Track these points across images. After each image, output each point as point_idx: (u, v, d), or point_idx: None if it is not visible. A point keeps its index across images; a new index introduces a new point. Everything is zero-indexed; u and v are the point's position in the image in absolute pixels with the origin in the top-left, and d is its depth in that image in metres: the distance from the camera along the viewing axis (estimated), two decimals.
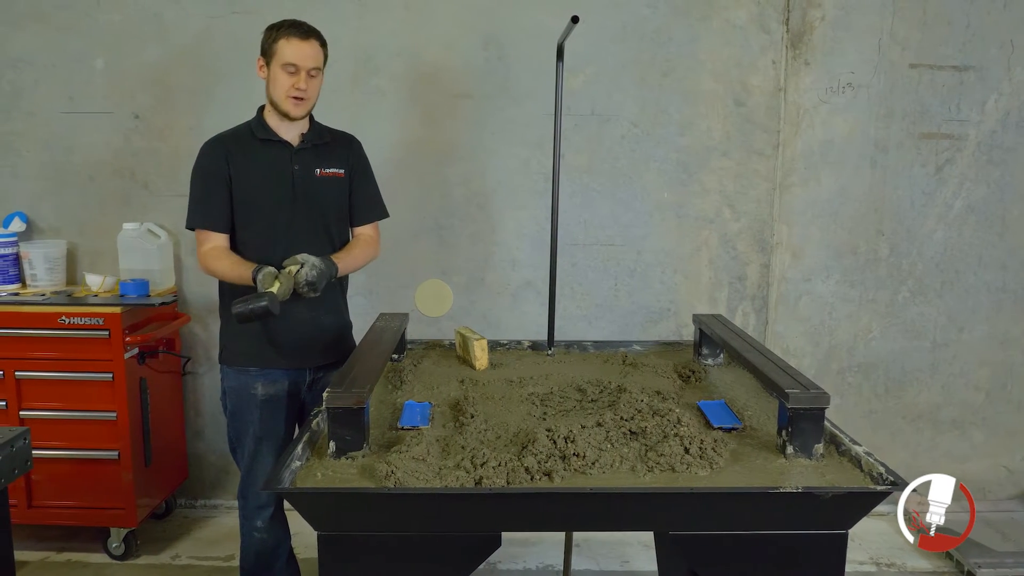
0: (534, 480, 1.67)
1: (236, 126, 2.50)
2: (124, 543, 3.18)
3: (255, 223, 2.42)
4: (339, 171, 2.51)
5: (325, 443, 1.84)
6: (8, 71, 3.32)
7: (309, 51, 2.36)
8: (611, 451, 1.76)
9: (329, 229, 2.51)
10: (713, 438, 1.82)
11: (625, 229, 3.40)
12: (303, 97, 2.37)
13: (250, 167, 2.42)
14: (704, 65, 3.31)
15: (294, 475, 1.69)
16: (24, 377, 3.05)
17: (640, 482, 1.69)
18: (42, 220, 3.41)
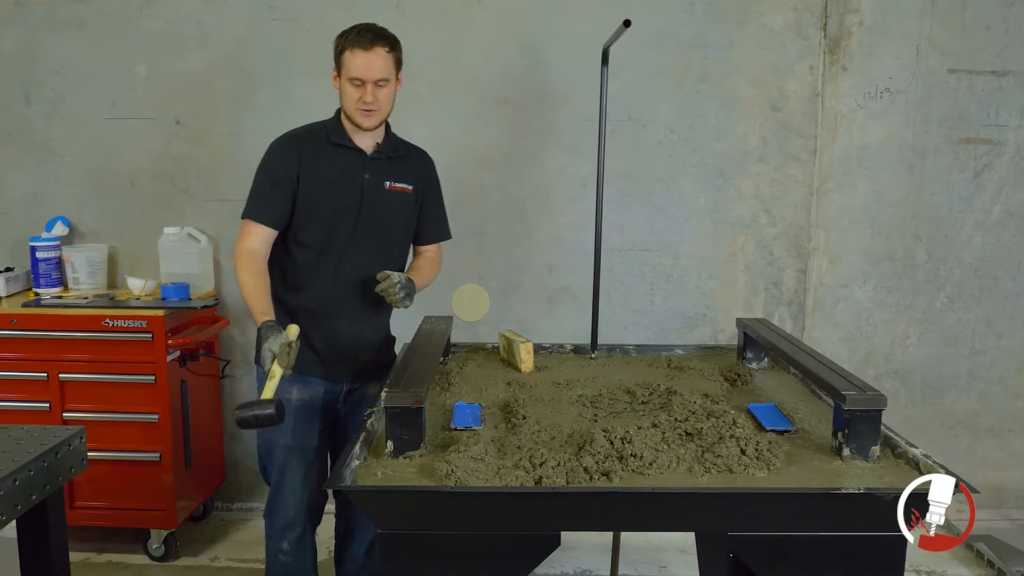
0: (593, 480, 1.68)
1: (311, 124, 2.43)
2: (164, 544, 3.21)
3: (315, 228, 2.35)
4: (408, 187, 2.44)
5: (381, 443, 1.86)
6: (51, 78, 3.37)
7: (375, 62, 2.26)
8: (668, 452, 1.77)
9: (390, 243, 2.45)
10: (768, 440, 1.82)
11: (661, 234, 3.41)
12: (372, 108, 2.30)
13: (320, 169, 2.35)
14: (741, 70, 3.33)
15: (354, 474, 1.71)
16: (68, 379, 3.09)
17: (698, 483, 1.70)
18: (83, 224, 3.46)
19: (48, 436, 2.00)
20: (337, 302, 2.38)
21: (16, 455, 1.87)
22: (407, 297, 2.30)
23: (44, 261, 3.32)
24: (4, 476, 1.75)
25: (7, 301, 3.23)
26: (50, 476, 1.94)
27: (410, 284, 2.32)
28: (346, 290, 2.38)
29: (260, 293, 2.24)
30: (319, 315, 2.36)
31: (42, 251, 3.31)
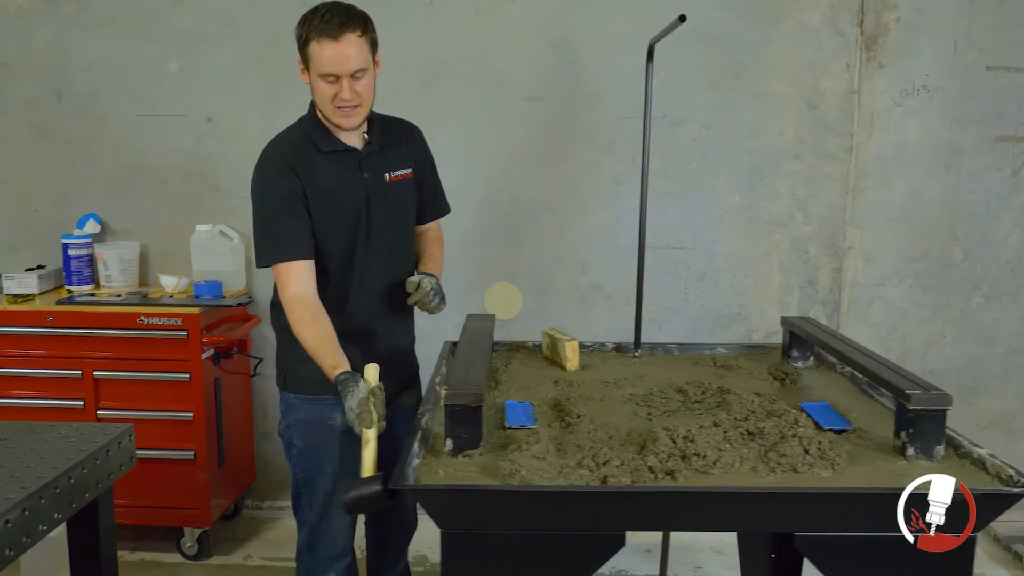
0: (658, 479, 1.66)
1: (288, 132, 2.17)
2: (197, 543, 3.19)
3: (329, 248, 2.13)
4: (407, 171, 2.23)
5: (438, 441, 1.84)
6: (83, 75, 3.36)
7: (347, 51, 1.96)
8: (730, 451, 1.75)
9: (404, 239, 2.26)
10: (828, 440, 1.80)
11: (695, 233, 3.39)
12: (352, 105, 2.03)
13: (319, 184, 2.09)
14: (776, 68, 3.30)
15: (415, 472, 1.69)
16: (102, 376, 3.08)
17: (763, 482, 1.67)
18: (115, 222, 3.45)
19: (98, 434, 1.99)
20: (367, 319, 2.20)
21: (69, 453, 1.85)
22: (442, 301, 2.16)
23: (76, 259, 3.31)
24: (60, 474, 1.74)
25: (40, 299, 3.22)
26: (101, 474, 1.93)
27: (440, 286, 2.17)
28: (373, 304, 2.21)
29: (323, 341, 2.01)
30: (353, 336, 2.13)
31: (74, 248, 3.31)
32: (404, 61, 3.21)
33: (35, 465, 1.77)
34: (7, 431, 1.99)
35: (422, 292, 2.13)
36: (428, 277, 2.17)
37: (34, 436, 1.96)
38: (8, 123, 3.40)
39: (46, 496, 1.68)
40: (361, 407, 1.86)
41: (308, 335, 2.04)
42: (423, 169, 2.30)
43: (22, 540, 1.61)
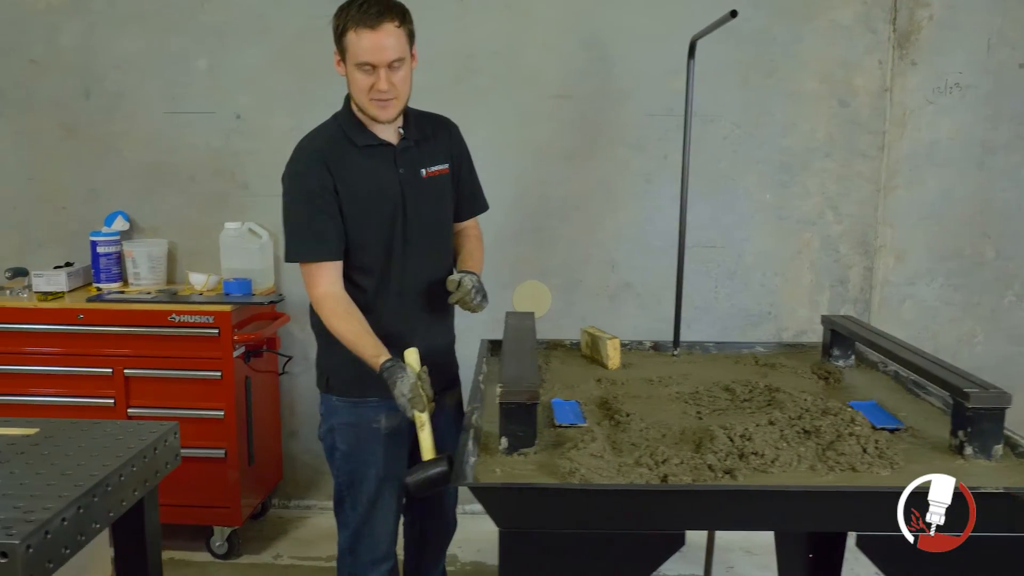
0: (717, 478, 1.65)
1: (323, 127, 2.16)
2: (227, 542, 3.18)
3: (365, 247, 2.10)
4: (444, 167, 2.20)
5: (490, 439, 1.83)
6: (111, 72, 3.35)
7: (384, 41, 1.93)
8: (788, 450, 1.73)
9: (441, 236, 2.23)
10: (884, 438, 1.79)
11: (726, 231, 3.37)
12: (388, 97, 2.01)
13: (354, 180, 2.06)
14: (808, 65, 3.29)
15: (473, 471, 1.68)
16: (132, 375, 3.06)
17: (822, 481, 1.66)
18: (142, 219, 3.44)
19: (144, 431, 1.98)
20: (407, 319, 2.16)
21: (117, 450, 1.84)
22: (484, 299, 2.12)
23: (105, 256, 3.30)
24: (111, 471, 1.73)
25: (69, 296, 3.21)
26: (148, 472, 1.92)
27: (481, 284, 2.14)
28: (413, 304, 2.17)
29: (360, 333, 2.02)
30: (392, 338, 2.07)
31: (103, 246, 3.29)
32: (433, 57, 3.18)
33: (85, 463, 1.76)
34: (52, 428, 1.98)
35: (463, 291, 2.10)
36: (469, 275, 2.13)
37: (80, 433, 1.94)
38: (36, 120, 3.38)
39: (98, 494, 1.67)
40: (412, 392, 1.89)
41: (343, 328, 2.04)
42: (460, 165, 2.27)
43: (77, 538, 1.60)
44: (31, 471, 1.71)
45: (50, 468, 1.73)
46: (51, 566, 1.50)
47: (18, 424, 1.99)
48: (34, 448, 1.85)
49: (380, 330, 2.08)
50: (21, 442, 1.89)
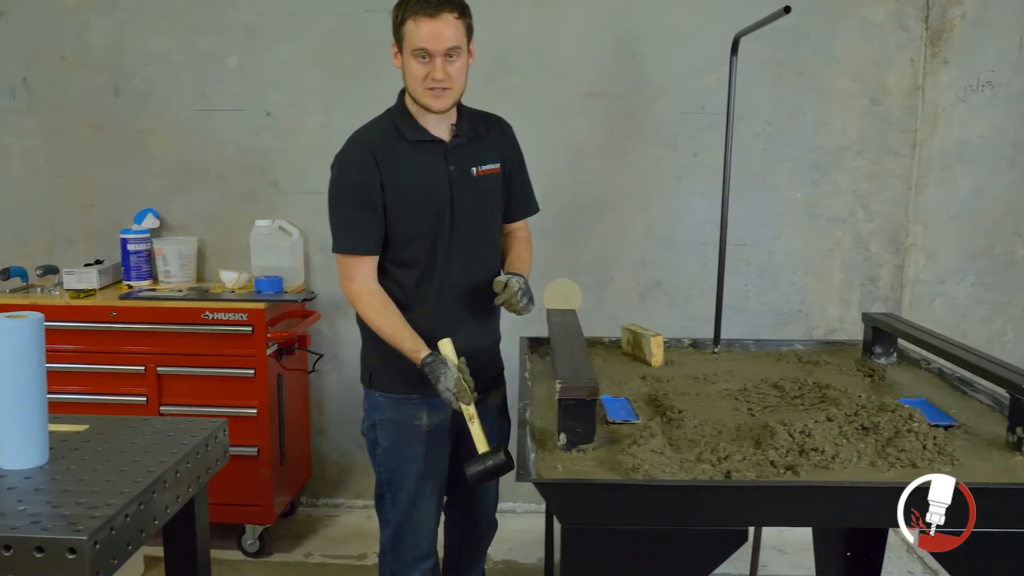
0: (780, 474, 1.64)
1: (375, 121, 2.16)
2: (259, 540, 3.17)
3: (410, 242, 2.10)
4: (495, 166, 2.19)
5: (546, 436, 1.82)
6: (141, 69, 3.35)
7: (443, 29, 1.94)
8: (848, 446, 1.73)
9: (489, 236, 2.22)
10: (943, 435, 1.78)
11: (756, 229, 3.37)
12: (443, 87, 2.01)
13: (402, 175, 2.06)
14: (840, 63, 3.28)
15: (535, 466, 1.67)
16: (165, 372, 3.05)
17: (884, 478, 1.65)
18: (171, 217, 3.43)
19: (195, 428, 1.97)
20: (449, 316, 2.14)
21: (171, 447, 1.84)
22: (530, 302, 2.11)
23: (135, 254, 3.29)
24: (167, 468, 1.73)
25: (100, 294, 3.20)
26: (201, 469, 1.92)
27: (528, 286, 2.12)
28: (456, 301, 2.16)
29: (398, 326, 2.04)
30: (434, 334, 2.04)
31: (133, 243, 3.29)
32: None
33: (141, 459, 1.76)
34: (101, 425, 1.98)
35: (509, 292, 2.09)
36: (516, 277, 2.12)
37: (131, 430, 1.94)
38: (65, 118, 3.38)
39: (157, 490, 1.67)
40: (457, 386, 1.90)
41: (381, 322, 2.06)
42: (511, 165, 2.26)
43: (139, 534, 1.60)
44: (88, 467, 1.71)
45: (106, 464, 1.73)
46: (115, 562, 1.50)
47: (68, 420, 1.98)
48: (87, 444, 1.85)
49: (419, 327, 2.07)
50: (73, 438, 1.89)
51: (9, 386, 1.72)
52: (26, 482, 1.64)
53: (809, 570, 2.95)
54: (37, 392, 1.76)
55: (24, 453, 1.71)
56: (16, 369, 1.72)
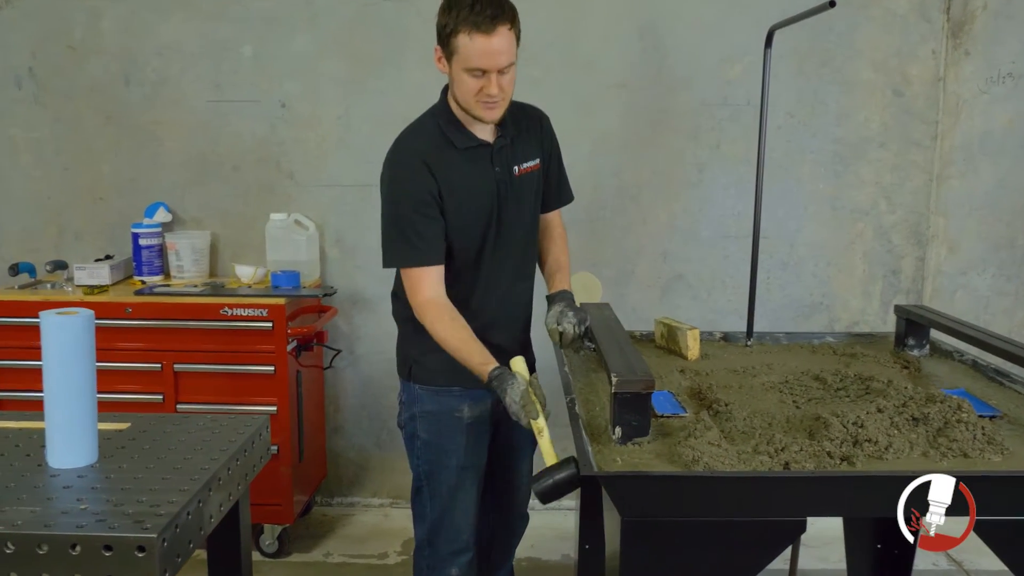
0: (836, 465, 1.71)
1: (421, 125, 2.15)
2: (278, 540, 3.21)
3: (461, 249, 2.14)
4: (535, 162, 2.22)
5: (598, 429, 1.88)
6: (153, 59, 3.36)
7: (499, 45, 1.94)
8: (899, 437, 1.79)
9: (533, 232, 2.26)
10: (992, 425, 1.85)
11: (779, 222, 3.43)
12: (497, 100, 2.02)
13: (455, 183, 2.09)
14: (863, 55, 3.35)
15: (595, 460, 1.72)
16: (182, 370, 3.07)
17: (938, 467, 1.71)
18: (184, 211, 3.45)
19: (239, 425, 2.01)
20: (492, 314, 2.21)
21: (219, 444, 1.88)
22: (585, 323, 2.16)
23: (147, 248, 3.31)
24: (221, 465, 1.76)
25: (112, 290, 3.22)
26: (248, 466, 1.95)
27: (577, 313, 2.16)
28: (498, 300, 2.22)
29: (466, 341, 2.05)
30: (479, 332, 2.10)
31: (145, 238, 3.30)
32: None
33: (192, 457, 1.79)
34: (143, 423, 2.01)
35: (567, 339, 2.13)
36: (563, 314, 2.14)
37: (175, 428, 1.97)
38: (75, 108, 3.38)
39: (213, 487, 1.71)
40: (524, 399, 1.90)
41: (449, 335, 2.06)
42: (550, 158, 2.30)
43: (198, 532, 1.64)
44: (139, 465, 1.74)
45: (158, 462, 1.76)
46: (179, 560, 1.54)
47: (109, 419, 2.01)
48: (133, 443, 1.88)
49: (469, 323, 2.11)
50: (117, 437, 1.92)
51: (60, 384, 1.75)
52: (80, 481, 1.67)
53: (836, 564, 3.03)
54: (88, 390, 1.79)
55: (76, 452, 1.74)
56: (67, 367, 1.76)
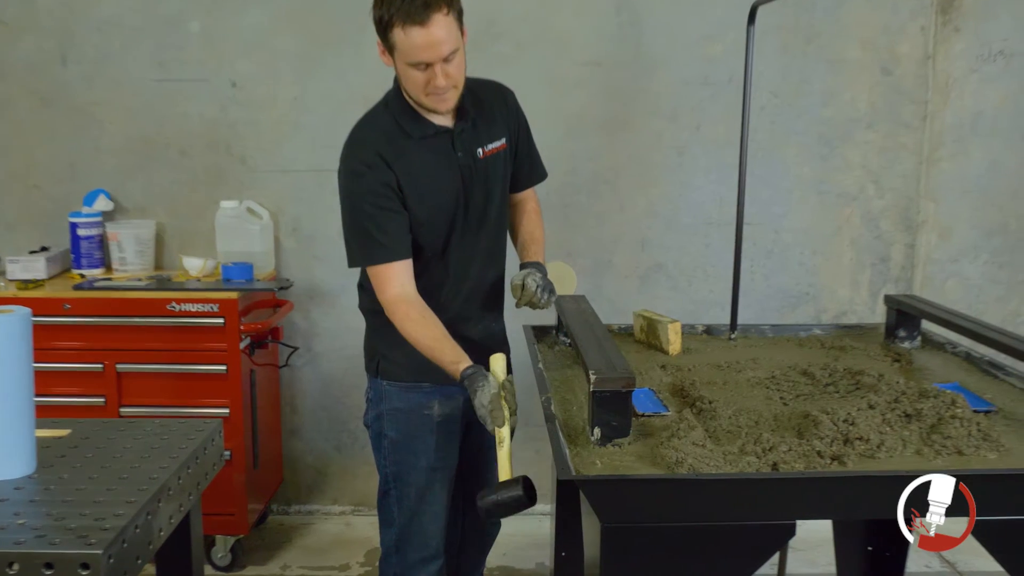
0: (827, 465, 1.72)
1: (374, 117, 2.15)
2: (231, 553, 3.18)
3: (426, 240, 2.15)
4: (501, 143, 2.22)
5: (576, 430, 1.88)
6: (93, 35, 3.30)
7: (436, 35, 1.91)
8: (892, 434, 1.80)
9: (502, 215, 2.27)
10: (986, 420, 1.87)
11: (762, 207, 3.45)
12: (447, 88, 2.01)
13: (416, 175, 2.10)
14: (850, 31, 3.37)
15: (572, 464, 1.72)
16: (126, 370, 3.03)
17: (932, 466, 1.74)
18: (127, 199, 3.41)
19: (190, 430, 1.99)
20: (461, 306, 2.24)
21: (169, 451, 1.85)
22: (552, 294, 2.18)
23: (87, 239, 3.26)
24: (171, 474, 1.74)
25: (49, 284, 3.15)
26: (199, 474, 1.93)
27: (545, 279, 2.19)
28: (468, 291, 2.24)
29: (438, 339, 2.05)
30: (449, 325, 2.12)
31: (84, 228, 3.25)
32: None
33: (140, 466, 1.77)
34: (85, 429, 1.97)
35: (528, 294, 2.15)
36: (531, 274, 2.17)
37: (119, 434, 1.95)
38: (7, 89, 3.32)
39: (163, 498, 1.69)
40: (493, 404, 1.89)
41: (420, 334, 2.07)
42: (518, 136, 2.30)
43: (147, 547, 1.61)
44: (81, 476, 1.71)
45: (102, 472, 1.73)
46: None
47: (47, 425, 1.97)
48: (74, 451, 1.85)
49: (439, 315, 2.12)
50: (56, 444, 1.88)
51: None
52: (17, 493, 1.63)
53: (825, 567, 3.07)
54: (25, 395, 1.76)
55: (12, 462, 1.71)
56: (2, 370, 1.71)
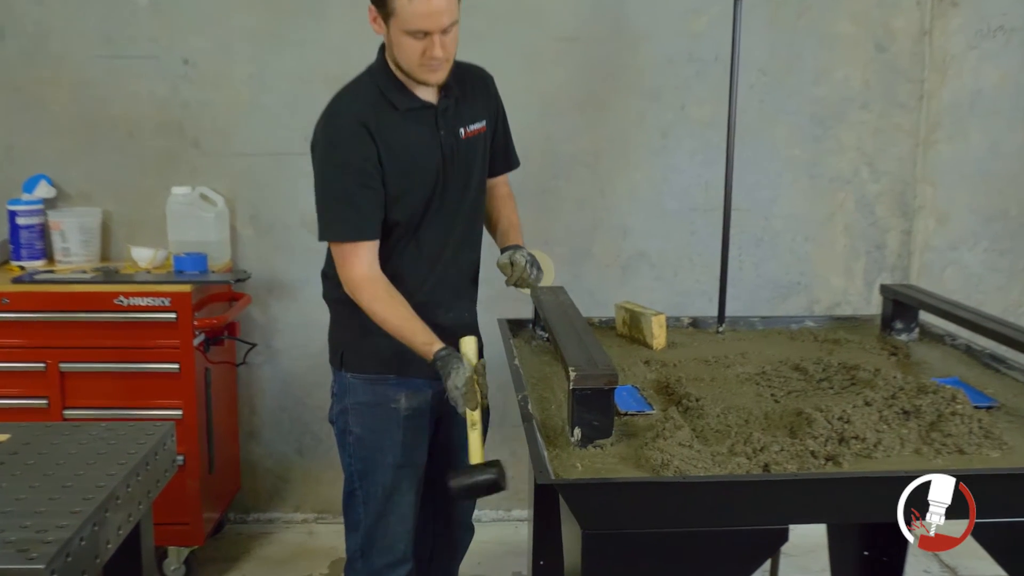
0: (821, 465, 1.72)
1: (359, 86, 2.20)
2: (185, 565, 3.14)
3: (403, 217, 2.18)
4: (482, 125, 2.29)
5: (555, 431, 1.87)
6: (33, 8, 3.26)
7: (440, 5, 1.99)
8: (890, 432, 1.81)
9: (479, 199, 2.33)
10: (988, 417, 1.89)
11: (751, 192, 3.45)
12: (441, 62, 2.07)
13: (398, 148, 2.14)
14: (842, 5, 3.39)
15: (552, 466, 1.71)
16: (69, 369, 2.99)
17: (931, 466, 1.74)
18: (70, 185, 3.37)
19: (139, 434, 1.98)
20: (435, 290, 2.26)
21: (117, 457, 1.84)
22: (539, 272, 2.27)
23: (26, 228, 3.22)
24: (119, 482, 1.72)
25: None
26: (150, 482, 1.92)
27: (531, 256, 2.28)
28: (441, 276, 2.28)
29: (407, 318, 2.10)
30: (420, 310, 2.15)
31: (23, 216, 3.21)
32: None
33: (85, 472, 1.75)
34: (26, 434, 1.95)
35: (518, 270, 2.22)
36: (518, 250, 2.26)
37: (64, 439, 1.93)
38: None
39: (110, 507, 1.67)
40: (467, 387, 1.95)
41: (388, 314, 2.11)
42: (496, 121, 2.37)
43: (94, 561, 1.59)
44: (22, 484, 1.69)
45: (44, 480, 1.71)
46: None
47: None
48: (14, 457, 1.82)
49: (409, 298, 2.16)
50: None
51: None
52: None
53: (819, 573, 3.09)
54: None
55: None
56: None
